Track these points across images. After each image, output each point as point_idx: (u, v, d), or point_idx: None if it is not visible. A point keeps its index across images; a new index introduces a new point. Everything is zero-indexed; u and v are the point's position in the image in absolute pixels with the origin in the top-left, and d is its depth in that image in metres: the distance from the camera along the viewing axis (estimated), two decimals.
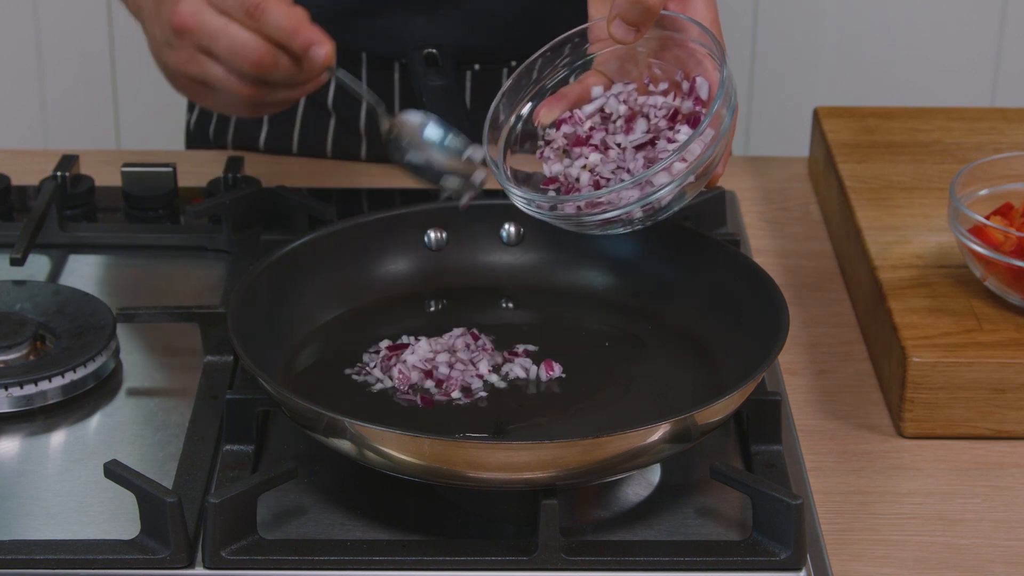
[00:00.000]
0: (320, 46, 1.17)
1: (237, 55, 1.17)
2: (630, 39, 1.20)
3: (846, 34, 2.37)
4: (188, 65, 1.20)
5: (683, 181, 1.16)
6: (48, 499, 1.14)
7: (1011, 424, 1.25)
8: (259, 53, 1.17)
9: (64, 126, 2.44)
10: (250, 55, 1.17)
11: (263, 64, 1.17)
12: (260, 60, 1.17)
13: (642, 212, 1.17)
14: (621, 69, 1.25)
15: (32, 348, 1.25)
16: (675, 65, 1.23)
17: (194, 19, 1.18)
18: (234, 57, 1.17)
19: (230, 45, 1.17)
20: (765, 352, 1.14)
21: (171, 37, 1.20)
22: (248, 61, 1.17)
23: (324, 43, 1.17)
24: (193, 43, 1.19)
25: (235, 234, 1.42)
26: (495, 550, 1.07)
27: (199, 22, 1.18)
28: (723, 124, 1.16)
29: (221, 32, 1.17)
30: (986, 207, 1.33)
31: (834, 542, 1.13)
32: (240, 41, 1.17)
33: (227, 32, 1.17)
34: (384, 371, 1.20)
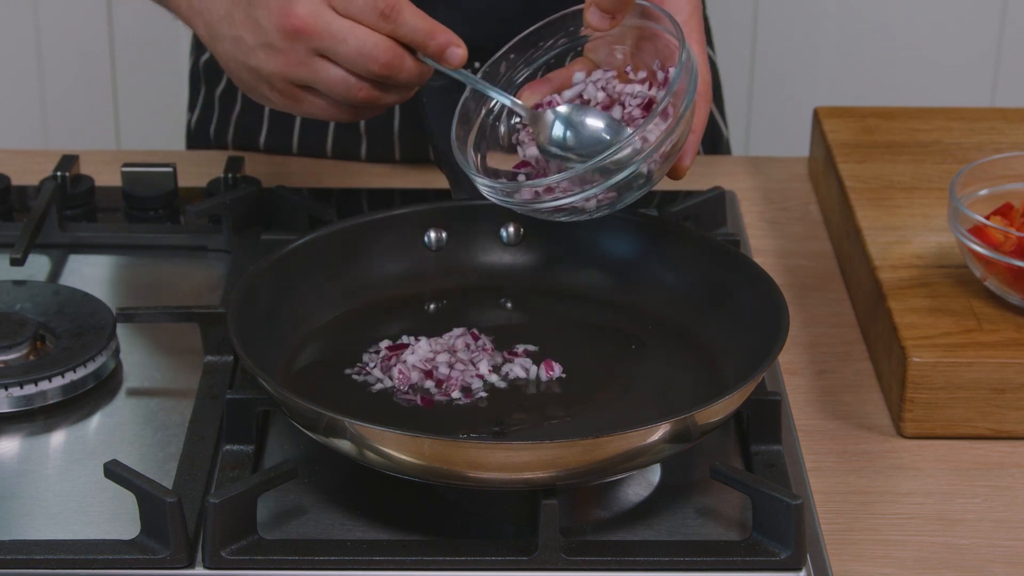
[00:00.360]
0: (458, 46, 1.20)
1: (366, 57, 1.18)
2: (605, 26, 1.21)
3: (846, 34, 2.37)
4: (296, 68, 1.20)
5: (634, 170, 1.16)
6: (48, 499, 1.14)
7: (1011, 424, 1.25)
8: (389, 55, 1.18)
9: (64, 126, 2.44)
10: (380, 56, 1.18)
11: (392, 65, 1.19)
12: (390, 62, 1.19)
13: (596, 202, 1.18)
14: (609, 56, 1.25)
15: (32, 348, 1.25)
16: (653, 55, 1.23)
17: (316, 21, 1.18)
18: (363, 59, 1.18)
19: (359, 47, 1.18)
20: (765, 352, 1.14)
21: (277, 40, 1.19)
22: (378, 63, 1.18)
23: (461, 44, 1.20)
24: (310, 46, 1.18)
25: (235, 234, 1.42)
26: (495, 550, 1.07)
27: (323, 23, 1.18)
28: (680, 110, 1.16)
29: (348, 34, 1.17)
30: (986, 207, 1.33)
31: (834, 542, 1.13)
32: (371, 43, 1.18)
33: (355, 34, 1.18)
34: (384, 371, 1.20)
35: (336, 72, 1.20)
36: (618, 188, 1.17)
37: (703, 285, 1.27)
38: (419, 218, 1.32)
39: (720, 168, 1.62)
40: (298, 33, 1.18)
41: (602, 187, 1.17)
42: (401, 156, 1.63)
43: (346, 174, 1.61)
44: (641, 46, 1.24)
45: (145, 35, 2.39)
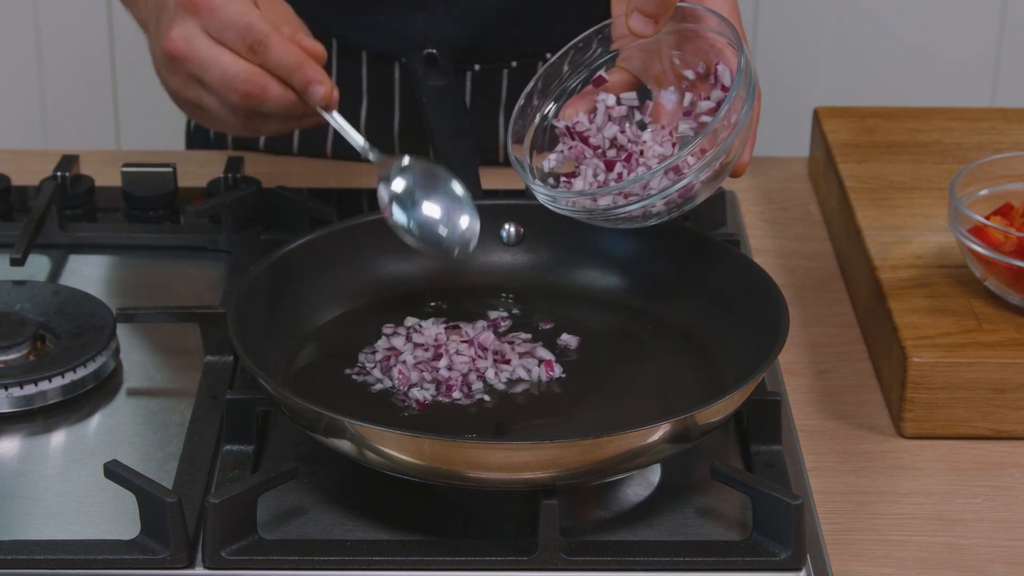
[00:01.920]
0: (320, 84, 1.20)
1: (228, 87, 1.19)
2: (649, 32, 1.20)
3: (846, 34, 2.37)
4: (183, 90, 1.23)
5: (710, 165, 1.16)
6: (48, 499, 1.14)
7: (1011, 424, 1.25)
8: (248, 85, 1.19)
9: (64, 126, 2.44)
10: (240, 87, 1.19)
11: (252, 95, 1.20)
12: (250, 92, 1.20)
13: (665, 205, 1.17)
14: (644, 64, 1.25)
15: (32, 348, 1.25)
16: (696, 56, 1.23)
17: (187, 47, 1.20)
18: (225, 88, 1.20)
19: (221, 76, 1.19)
20: (765, 352, 1.14)
21: (166, 61, 1.22)
22: (238, 92, 1.20)
23: (324, 81, 1.20)
24: (185, 70, 1.21)
25: (235, 234, 1.42)
26: (495, 550, 1.07)
27: (192, 50, 1.20)
28: (743, 109, 1.15)
29: (212, 63, 1.19)
30: (986, 207, 1.33)
31: (834, 542, 1.13)
32: (232, 72, 1.19)
33: (219, 63, 1.19)
34: (384, 371, 1.20)
35: (211, 98, 1.22)
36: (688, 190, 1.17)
37: (703, 285, 1.27)
38: None
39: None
40: (174, 57, 1.21)
41: (670, 191, 1.16)
42: None
43: (346, 174, 1.60)
44: (683, 48, 1.23)
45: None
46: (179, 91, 1.23)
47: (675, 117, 1.23)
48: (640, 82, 1.25)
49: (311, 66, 1.20)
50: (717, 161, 1.16)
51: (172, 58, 1.20)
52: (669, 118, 1.23)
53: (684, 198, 1.18)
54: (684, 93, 1.23)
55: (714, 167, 1.16)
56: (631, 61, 1.25)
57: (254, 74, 1.19)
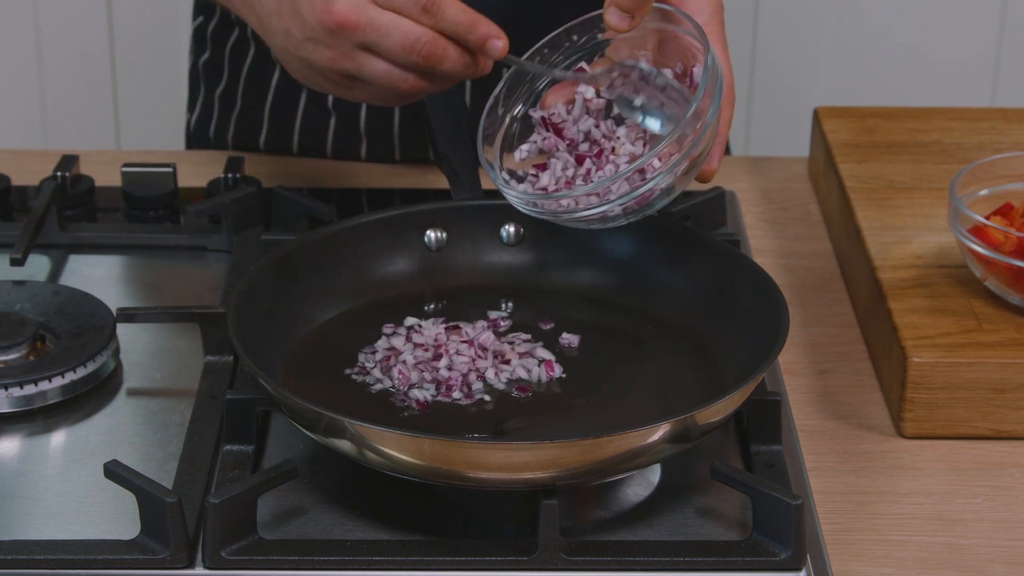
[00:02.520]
0: (498, 39, 1.21)
1: (410, 50, 1.19)
2: (624, 26, 1.21)
3: (846, 34, 2.37)
4: (342, 61, 1.21)
5: (672, 171, 1.16)
6: (48, 499, 1.14)
7: (1011, 424, 1.25)
8: (431, 47, 1.19)
9: (64, 126, 2.44)
10: (423, 48, 1.19)
11: (435, 56, 1.20)
12: (432, 53, 1.20)
13: (622, 210, 1.18)
14: (630, 57, 1.25)
15: (32, 348, 1.25)
16: (675, 56, 1.23)
17: (358, 16, 1.19)
18: (406, 52, 1.19)
19: (403, 40, 1.19)
20: (765, 352, 1.14)
21: (321, 34, 1.20)
22: (421, 55, 1.19)
23: (501, 36, 1.21)
24: (354, 40, 1.20)
25: (235, 234, 1.42)
26: (495, 550, 1.07)
27: (366, 18, 1.19)
28: (707, 114, 1.16)
29: (392, 28, 1.19)
30: (986, 207, 1.33)
31: (834, 542, 1.13)
32: (414, 36, 1.19)
33: (399, 28, 1.19)
34: (384, 371, 1.20)
35: (381, 65, 1.21)
36: (654, 192, 1.17)
37: (703, 285, 1.27)
38: (419, 218, 1.32)
39: (720, 168, 1.61)
40: (340, 28, 1.19)
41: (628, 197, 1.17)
42: (401, 156, 1.63)
43: (346, 174, 1.60)
44: (663, 48, 1.24)
45: (145, 35, 2.39)
46: (333, 63, 1.21)
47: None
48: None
49: (485, 22, 1.20)
50: (680, 167, 1.16)
51: (339, 28, 1.19)
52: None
53: (641, 204, 1.18)
54: None
55: (676, 172, 1.16)
56: (619, 53, 1.26)
57: (436, 37, 1.19)
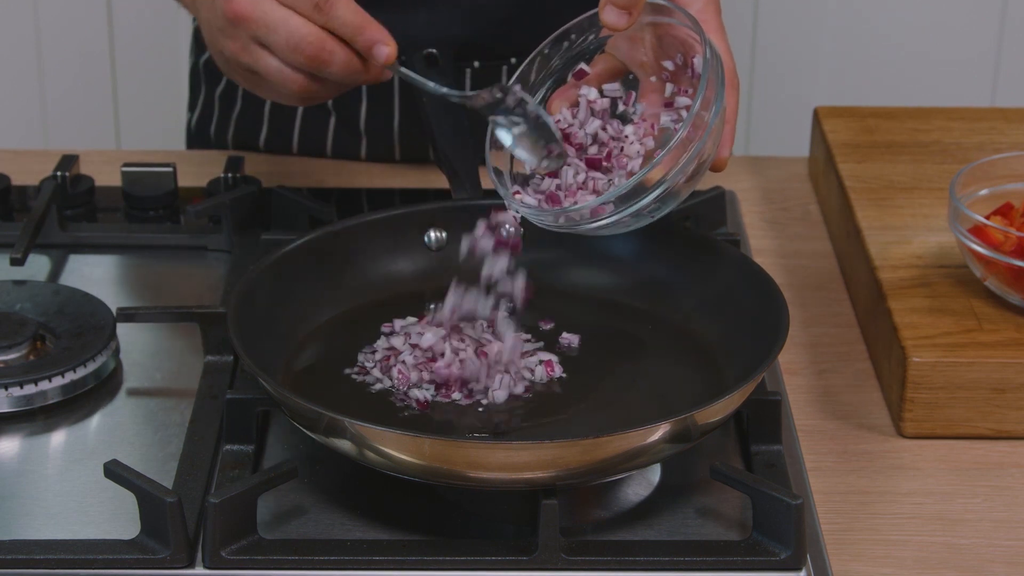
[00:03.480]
0: (384, 44, 1.20)
1: (295, 49, 1.19)
2: (623, 24, 1.21)
3: (846, 34, 2.37)
4: (242, 55, 1.22)
5: (683, 170, 1.16)
6: (48, 499, 1.14)
7: (1011, 424, 1.25)
8: (316, 47, 1.19)
9: (64, 126, 2.44)
10: (307, 49, 1.19)
11: (319, 59, 1.19)
12: (317, 55, 1.19)
13: (646, 209, 1.17)
14: (630, 52, 1.25)
15: (32, 348, 1.25)
16: (675, 49, 1.23)
17: (253, 8, 1.19)
18: (291, 51, 1.19)
19: (288, 38, 1.19)
20: (765, 352, 1.14)
21: (226, 25, 1.21)
22: (305, 55, 1.19)
23: (388, 42, 1.20)
24: (248, 33, 1.20)
25: (235, 234, 1.42)
26: (495, 550, 1.07)
27: (259, 12, 1.19)
28: (709, 116, 1.15)
29: (280, 24, 1.19)
30: (986, 207, 1.33)
31: (834, 542, 1.13)
32: (300, 35, 1.18)
33: (287, 24, 1.18)
34: (384, 371, 1.20)
35: (273, 62, 1.21)
36: (668, 194, 1.17)
37: (703, 285, 1.27)
38: (419, 218, 1.32)
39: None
40: (237, 19, 1.20)
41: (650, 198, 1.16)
42: (401, 156, 1.63)
43: (346, 174, 1.60)
44: (661, 41, 1.24)
45: (145, 35, 2.39)
46: (237, 56, 1.22)
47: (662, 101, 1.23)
48: (627, 70, 1.26)
49: (375, 26, 1.20)
50: (691, 166, 1.16)
51: (237, 20, 1.19)
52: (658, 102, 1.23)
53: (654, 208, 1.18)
54: (666, 83, 1.23)
55: (687, 172, 1.16)
56: (618, 49, 1.26)
57: (322, 37, 1.19)
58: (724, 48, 1.21)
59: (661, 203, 1.17)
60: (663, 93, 1.24)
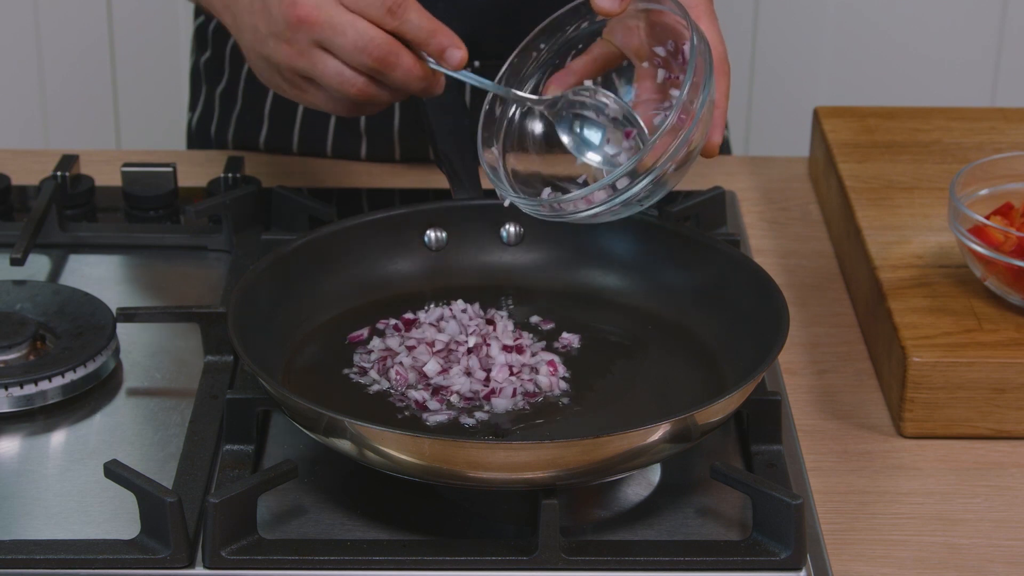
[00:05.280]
0: (457, 48, 1.21)
1: (363, 51, 1.19)
2: (616, 9, 1.21)
3: (846, 34, 2.37)
4: (298, 59, 1.22)
5: (663, 168, 1.16)
6: (48, 499, 1.14)
7: (1011, 424, 1.25)
8: (384, 50, 1.19)
9: (64, 126, 2.44)
10: (375, 51, 1.19)
11: (387, 61, 1.20)
12: (384, 57, 1.19)
13: (637, 197, 1.18)
14: (625, 38, 1.25)
15: (32, 348, 1.25)
16: (666, 36, 1.23)
17: (319, 12, 1.19)
18: (358, 52, 1.19)
19: (356, 40, 1.19)
20: (765, 352, 1.14)
21: (283, 29, 1.21)
22: (373, 57, 1.19)
23: (460, 46, 1.21)
24: (311, 37, 1.20)
25: (235, 234, 1.42)
26: (495, 550, 1.07)
27: (325, 16, 1.19)
28: (698, 102, 1.15)
29: (349, 26, 1.19)
30: (986, 207, 1.33)
31: (834, 542, 1.13)
32: (368, 37, 1.19)
33: (355, 27, 1.19)
34: (381, 372, 1.20)
35: (333, 64, 1.21)
36: (658, 180, 1.17)
37: (703, 285, 1.27)
38: (419, 218, 1.32)
39: (720, 168, 1.62)
40: (301, 23, 1.20)
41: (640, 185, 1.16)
42: (401, 156, 1.63)
43: (346, 174, 1.60)
44: (653, 28, 1.24)
45: (145, 35, 2.39)
46: (291, 60, 1.22)
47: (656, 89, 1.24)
48: (623, 56, 1.26)
49: (447, 31, 1.21)
50: (680, 152, 1.16)
51: (299, 23, 1.20)
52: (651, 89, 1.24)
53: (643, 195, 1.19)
54: (658, 69, 1.24)
55: (677, 159, 1.16)
56: (614, 35, 1.26)
57: (391, 40, 1.19)
58: (714, 34, 1.22)
59: (651, 191, 1.17)
60: (656, 80, 1.24)
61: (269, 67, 1.25)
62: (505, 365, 1.20)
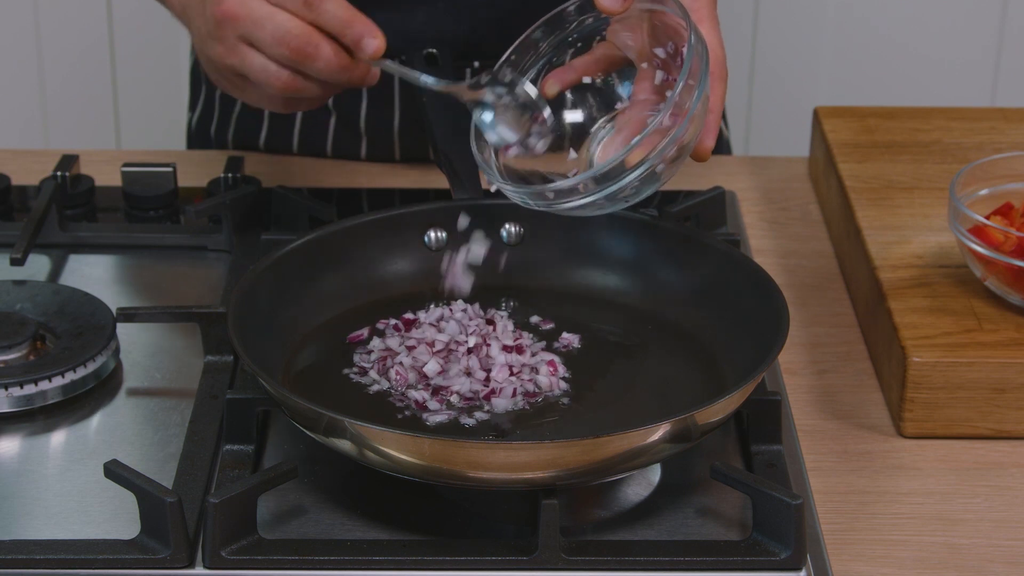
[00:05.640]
0: (372, 38, 1.20)
1: (280, 42, 1.19)
2: (618, 8, 1.22)
3: (846, 34, 2.37)
4: (228, 56, 1.22)
5: (652, 164, 1.16)
6: (48, 499, 1.14)
7: (1011, 424, 1.25)
8: (302, 40, 1.19)
9: (64, 126, 2.44)
10: (292, 42, 1.19)
11: (304, 52, 1.20)
12: (302, 48, 1.20)
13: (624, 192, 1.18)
14: (626, 40, 1.26)
15: (32, 348, 1.25)
16: (667, 38, 1.23)
17: (240, 8, 1.20)
18: (277, 44, 1.19)
19: (275, 31, 1.19)
20: (765, 352, 1.14)
21: (214, 28, 1.22)
22: (290, 47, 1.19)
23: (376, 35, 1.20)
24: (236, 32, 1.21)
25: (235, 234, 1.42)
26: (495, 550, 1.07)
27: (246, 10, 1.20)
28: (690, 101, 1.16)
29: (267, 19, 1.20)
30: (986, 207, 1.33)
31: (834, 542, 1.13)
32: (285, 28, 1.19)
33: (273, 19, 1.19)
34: (381, 372, 1.20)
35: (259, 59, 1.21)
36: (646, 177, 1.18)
37: (703, 285, 1.27)
38: (419, 218, 1.32)
39: (720, 168, 1.62)
40: (225, 18, 1.21)
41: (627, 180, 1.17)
42: (401, 156, 1.63)
43: (346, 174, 1.61)
44: (655, 29, 1.24)
45: (145, 35, 2.39)
46: (223, 58, 1.22)
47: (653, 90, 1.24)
48: (624, 56, 1.26)
49: (363, 20, 1.20)
50: (670, 150, 1.16)
51: (224, 20, 1.20)
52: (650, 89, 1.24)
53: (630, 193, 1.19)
54: (656, 71, 1.24)
55: (666, 156, 1.16)
56: (616, 35, 1.26)
57: (308, 31, 1.19)
58: (715, 38, 1.22)
59: (638, 187, 1.18)
60: (654, 81, 1.24)
61: (211, 67, 1.26)
62: (505, 365, 1.20)
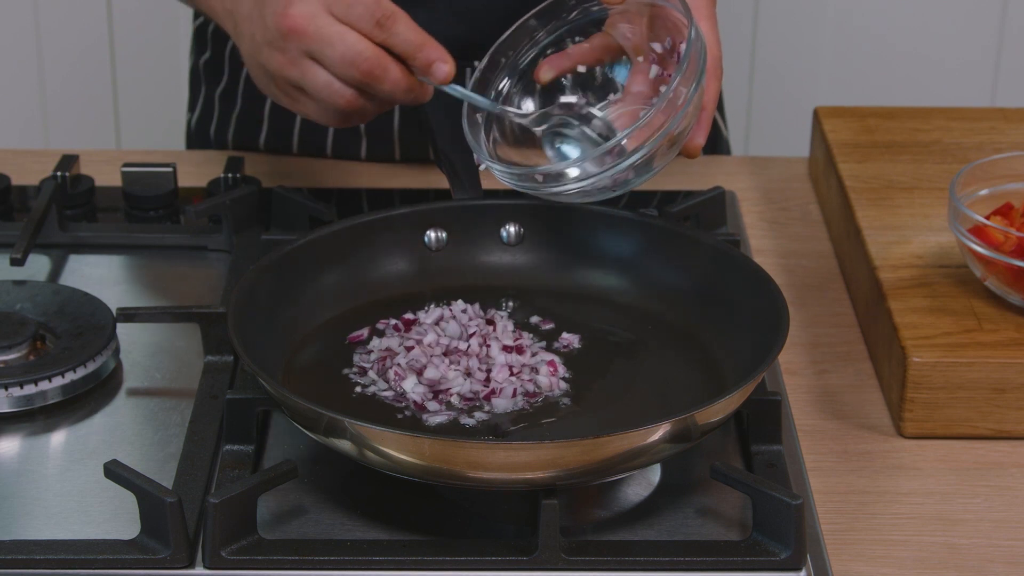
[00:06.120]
0: (444, 63, 1.21)
1: (351, 64, 1.19)
2: None
3: (846, 34, 2.37)
4: (289, 68, 1.21)
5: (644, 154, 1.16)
6: (48, 499, 1.14)
7: (1011, 424, 1.25)
8: (372, 63, 1.19)
9: (64, 126, 2.44)
10: (363, 64, 1.19)
11: (373, 75, 1.19)
12: (372, 70, 1.19)
13: (611, 181, 1.19)
14: (624, 32, 1.26)
15: (32, 348, 1.25)
16: (665, 33, 1.24)
17: (309, 23, 1.19)
18: (347, 65, 1.19)
19: (345, 52, 1.19)
20: (765, 352, 1.14)
21: (276, 38, 1.21)
22: (360, 70, 1.19)
23: (448, 60, 1.21)
24: (301, 47, 1.20)
25: (235, 234, 1.42)
26: (495, 550, 1.07)
27: (315, 27, 1.19)
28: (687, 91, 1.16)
29: (337, 39, 1.19)
30: (986, 207, 1.33)
31: (834, 542, 1.13)
32: (356, 50, 1.19)
33: (344, 39, 1.19)
34: (380, 373, 1.20)
35: (323, 75, 1.21)
36: (634, 168, 1.18)
37: (703, 285, 1.27)
38: (419, 218, 1.32)
39: (720, 168, 1.62)
40: (291, 32, 1.20)
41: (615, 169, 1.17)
42: (401, 156, 1.63)
43: (346, 174, 1.61)
44: (653, 23, 1.25)
45: (145, 35, 2.39)
46: (283, 69, 1.22)
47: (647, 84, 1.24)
48: (620, 48, 1.26)
49: (434, 45, 1.20)
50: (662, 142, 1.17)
51: (290, 33, 1.19)
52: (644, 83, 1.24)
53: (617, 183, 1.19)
54: (652, 65, 1.24)
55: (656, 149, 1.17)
56: (615, 27, 1.26)
57: (379, 54, 1.19)
58: (712, 37, 1.22)
59: (626, 178, 1.18)
60: (649, 75, 1.24)
61: (265, 75, 1.25)
62: (505, 365, 1.20)
